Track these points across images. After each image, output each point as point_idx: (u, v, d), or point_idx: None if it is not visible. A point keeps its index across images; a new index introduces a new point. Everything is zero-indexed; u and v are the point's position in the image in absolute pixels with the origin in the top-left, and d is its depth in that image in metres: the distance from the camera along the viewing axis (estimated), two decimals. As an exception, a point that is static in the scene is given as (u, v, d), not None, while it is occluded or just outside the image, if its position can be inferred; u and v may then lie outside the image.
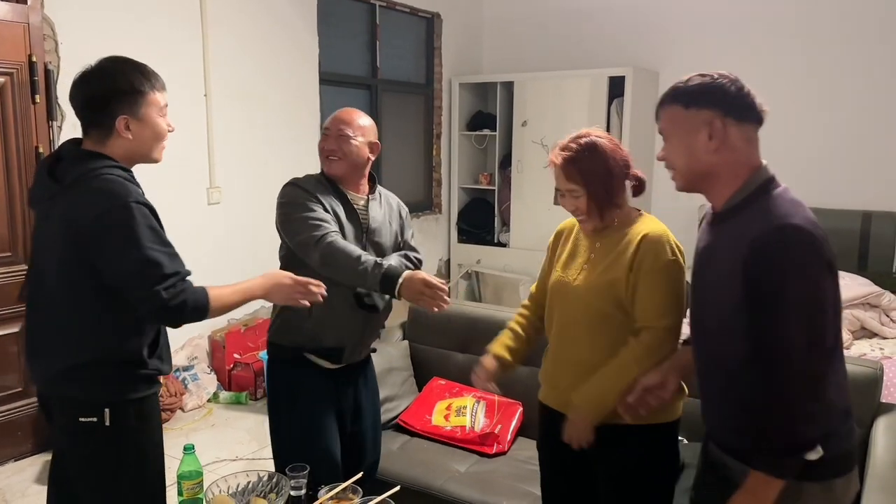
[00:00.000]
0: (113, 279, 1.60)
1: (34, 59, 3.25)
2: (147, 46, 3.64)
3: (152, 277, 1.57)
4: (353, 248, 1.96)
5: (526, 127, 5.44)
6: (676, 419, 1.78)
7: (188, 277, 1.65)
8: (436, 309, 1.91)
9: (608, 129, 4.98)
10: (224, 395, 4.06)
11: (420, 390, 2.96)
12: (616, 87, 5.05)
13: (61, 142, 3.33)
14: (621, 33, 5.41)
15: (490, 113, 5.84)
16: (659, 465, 1.77)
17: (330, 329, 2.05)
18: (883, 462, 2.01)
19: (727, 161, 1.37)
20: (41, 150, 3.30)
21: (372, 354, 2.27)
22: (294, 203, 2.03)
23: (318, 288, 1.83)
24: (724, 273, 1.34)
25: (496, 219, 5.84)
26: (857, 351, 3.55)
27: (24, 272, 3.28)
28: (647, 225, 1.74)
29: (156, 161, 1.77)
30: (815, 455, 1.28)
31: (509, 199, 5.65)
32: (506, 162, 5.71)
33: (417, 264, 2.19)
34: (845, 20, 4.62)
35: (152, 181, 1.83)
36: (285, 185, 2.11)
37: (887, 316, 3.86)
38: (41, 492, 3.06)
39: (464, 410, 2.74)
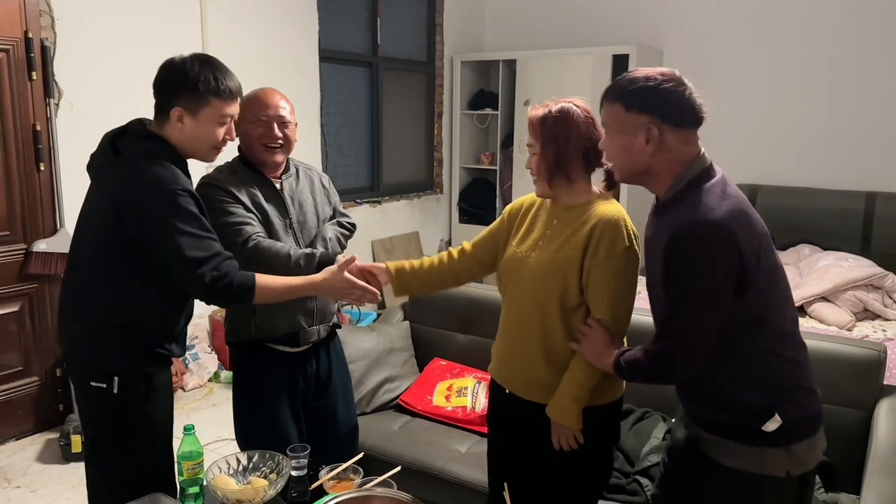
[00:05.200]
0: (162, 261, 1.66)
1: (30, 35, 3.20)
2: (145, 23, 3.59)
3: (193, 261, 1.63)
4: (280, 246, 1.92)
5: (528, 106, 5.36)
6: (618, 399, 1.80)
7: (230, 260, 1.70)
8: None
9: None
10: (225, 374, 4.06)
11: (421, 371, 2.95)
12: (620, 66, 4.98)
13: (58, 119, 3.32)
14: (625, 11, 5.33)
15: (492, 92, 5.79)
16: (598, 443, 1.79)
17: (279, 318, 2.03)
18: (885, 444, 2.00)
19: (662, 161, 1.45)
20: (38, 127, 3.26)
21: (373, 331, 2.26)
22: (210, 208, 1.89)
23: (372, 296, 1.89)
24: (660, 261, 1.44)
25: (498, 199, 5.81)
26: (859, 333, 3.54)
27: (23, 251, 3.28)
28: (606, 208, 1.71)
29: (205, 161, 1.81)
30: (774, 425, 1.41)
31: (511, 179, 5.62)
32: (508, 141, 5.67)
33: (351, 228, 2.20)
34: (852, 0, 4.57)
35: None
36: (198, 186, 1.95)
37: (890, 298, 3.85)
38: (42, 470, 3.08)
39: (465, 391, 2.73)
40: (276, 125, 1.99)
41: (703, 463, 1.51)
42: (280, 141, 2.00)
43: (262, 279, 1.75)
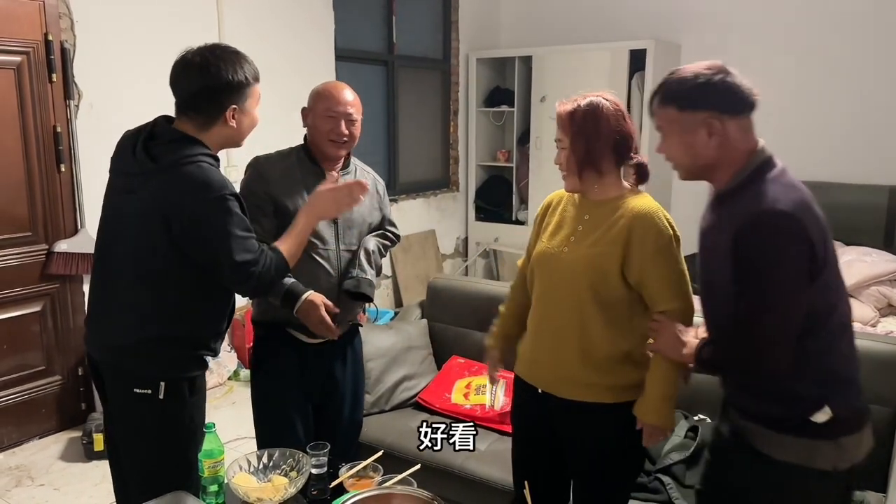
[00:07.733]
0: (207, 264, 1.69)
1: (50, 37, 3.23)
2: (162, 24, 3.61)
3: (245, 264, 1.67)
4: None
5: (545, 102, 5.36)
6: None
7: (270, 251, 1.75)
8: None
9: (629, 104, 4.89)
10: (244, 372, 4.08)
11: (439, 369, 2.95)
12: (637, 61, 4.94)
13: (78, 121, 3.35)
14: (642, 5, 5.28)
15: (508, 88, 5.77)
16: (629, 440, 1.76)
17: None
18: (913, 442, 1.96)
19: (726, 153, 1.47)
20: (59, 129, 3.30)
21: (382, 330, 2.26)
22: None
23: (360, 188, 1.92)
24: (722, 252, 1.44)
25: (514, 196, 5.79)
26: (883, 329, 3.49)
27: (45, 251, 3.31)
28: (639, 201, 1.70)
29: (238, 146, 1.86)
30: (823, 416, 1.42)
31: (527, 177, 5.59)
32: (524, 138, 5.64)
33: (395, 240, 2.28)
34: (875, -11, 4.49)
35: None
36: (249, 164, 2.14)
37: (915, 293, 3.78)
38: (65, 468, 3.11)
39: (483, 389, 2.72)
40: (343, 122, 2.06)
41: (752, 456, 1.50)
42: (345, 137, 2.07)
43: (284, 247, 1.80)
